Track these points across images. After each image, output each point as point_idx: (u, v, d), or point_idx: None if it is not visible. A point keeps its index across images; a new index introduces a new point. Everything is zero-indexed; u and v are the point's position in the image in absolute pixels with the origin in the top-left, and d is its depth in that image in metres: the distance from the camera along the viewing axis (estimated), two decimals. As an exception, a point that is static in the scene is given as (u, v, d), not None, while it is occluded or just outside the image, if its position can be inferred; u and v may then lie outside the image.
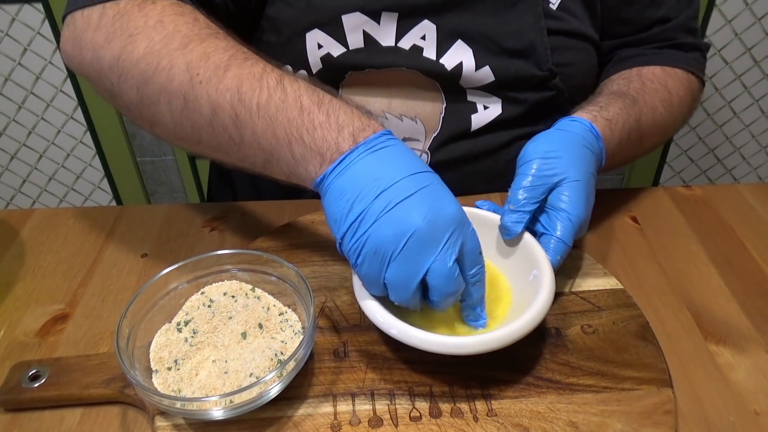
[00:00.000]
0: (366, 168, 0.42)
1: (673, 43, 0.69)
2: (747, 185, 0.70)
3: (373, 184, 0.42)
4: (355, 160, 0.42)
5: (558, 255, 0.50)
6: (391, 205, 0.41)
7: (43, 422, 0.45)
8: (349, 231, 0.42)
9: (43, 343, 0.51)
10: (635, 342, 0.49)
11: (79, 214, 0.65)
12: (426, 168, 0.44)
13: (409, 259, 0.41)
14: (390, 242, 0.41)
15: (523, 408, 0.44)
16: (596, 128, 0.56)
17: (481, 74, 0.63)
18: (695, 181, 1.69)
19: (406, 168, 0.43)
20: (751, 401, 0.46)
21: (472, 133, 0.66)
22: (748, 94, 1.53)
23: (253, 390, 0.40)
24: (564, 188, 0.51)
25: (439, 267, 0.42)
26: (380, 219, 0.41)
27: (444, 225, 0.42)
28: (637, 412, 0.43)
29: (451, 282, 0.42)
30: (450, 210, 0.42)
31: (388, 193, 0.41)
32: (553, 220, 0.51)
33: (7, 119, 1.47)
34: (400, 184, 0.42)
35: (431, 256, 0.41)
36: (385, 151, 0.43)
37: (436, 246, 0.41)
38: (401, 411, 0.44)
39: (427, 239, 0.41)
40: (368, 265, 0.43)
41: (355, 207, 0.42)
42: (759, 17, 1.41)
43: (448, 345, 0.42)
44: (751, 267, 0.58)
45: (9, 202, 1.62)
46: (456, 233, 0.42)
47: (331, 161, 0.43)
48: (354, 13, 0.60)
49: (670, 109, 0.65)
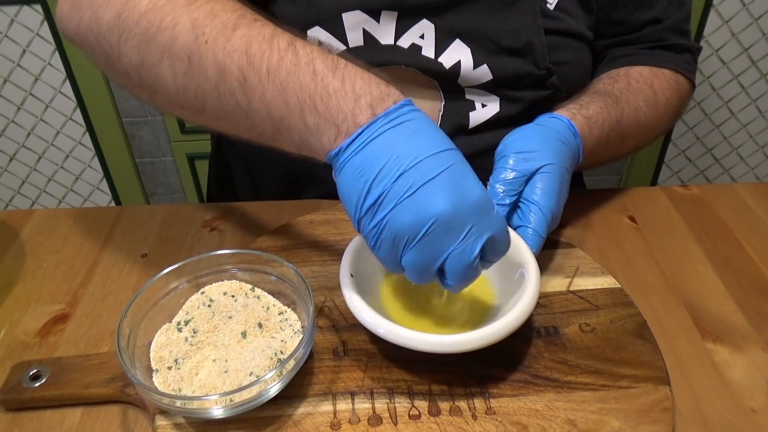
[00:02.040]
0: (385, 144, 0.39)
1: (664, 44, 0.69)
2: (744, 185, 0.70)
3: (394, 163, 0.39)
4: (374, 135, 0.40)
5: (535, 247, 0.51)
6: (414, 188, 0.38)
7: (44, 422, 0.45)
8: (367, 215, 0.40)
9: (44, 343, 0.51)
10: (633, 340, 0.49)
11: (78, 214, 0.65)
12: (449, 144, 0.41)
13: (430, 245, 0.40)
14: (410, 228, 0.39)
15: (521, 406, 0.44)
16: (575, 125, 0.57)
17: (478, 73, 0.63)
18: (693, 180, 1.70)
19: (429, 145, 0.40)
20: (748, 399, 0.46)
21: (470, 130, 0.67)
22: (746, 94, 1.54)
23: (252, 389, 0.41)
24: (537, 181, 0.52)
25: (460, 255, 0.40)
26: (401, 204, 0.39)
27: (468, 211, 0.39)
28: (635, 409, 0.44)
29: (470, 270, 0.41)
30: (475, 193, 0.40)
31: (410, 174, 0.39)
32: (527, 213, 0.52)
33: (6, 120, 1.48)
34: (423, 163, 0.39)
35: (453, 244, 0.40)
36: (408, 125, 0.40)
37: (459, 233, 0.39)
38: (400, 409, 0.44)
39: (450, 226, 0.39)
40: (386, 250, 0.41)
41: (374, 189, 0.39)
42: (756, 17, 1.42)
43: (437, 344, 0.42)
44: (748, 266, 0.59)
45: (8, 204, 1.62)
46: (481, 221, 0.40)
47: (348, 134, 0.40)
48: (354, 11, 0.60)
49: (654, 109, 0.65)
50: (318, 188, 0.69)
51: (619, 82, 0.65)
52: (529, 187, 0.52)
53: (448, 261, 0.40)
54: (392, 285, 0.51)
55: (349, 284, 0.46)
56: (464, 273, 0.41)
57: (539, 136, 0.54)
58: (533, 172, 0.52)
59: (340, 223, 0.61)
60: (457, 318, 0.49)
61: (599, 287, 0.54)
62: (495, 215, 0.41)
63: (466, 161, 0.41)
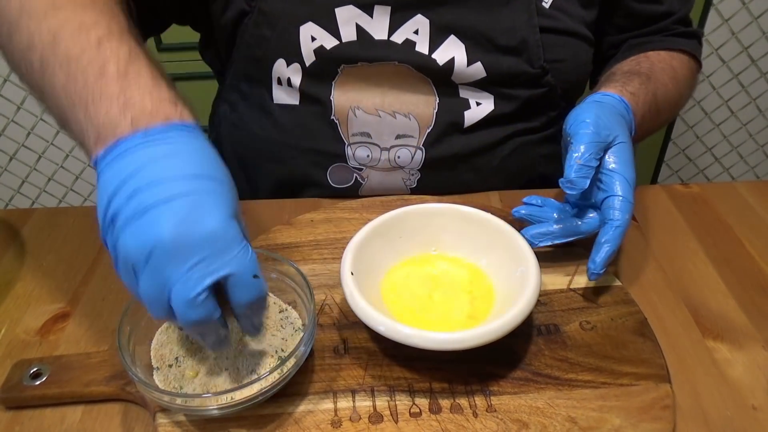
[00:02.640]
0: (133, 161, 0.37)
1: (674, 32, 0.73)
2: (744, 183, 0.70)
3: (132, 181, 0.36)
4: (127, 150, 0.37)
5: (626, 213, 0.51)
6: (141, 209, 0.35)
7: (45, 420, 0.45)
8: (108, 232, 0.37)
9: (44, 341, 0.51)
10: (633, 338, 0.49)
11: (79, 213, 0.65)
12: (209, 172, 0.38)
13: (155, 274, 0.36)
14: (135, 253, 0.35)
15: (522, 403, 0.44)
16: (625, 100, 0.59)
17: (472, 70, 0.63)
18: (693, 179, 1.70)
19: (178, 168, 0.37)
20: (749, 396, 0.46)
21: (465, 129, 0.67)
22: (746, 93, 1.54)
23: (253, 387, 0.41)
24: (614, 153, 0.53)
25: (180, 290, 0.36)
26: (128, 225, 0.36)
27: (196, 242, 0.35)
28: (636, 407, 0.44)
29: (193, 309, 0.36)
30: (210, 225, 0.36)
31: (143, 194, 0.36)
32: (611, 183, 0.52)
33: (6, 120, 1.48)
34: (160, 185, 0.36)
35: (173, 276, 0.35)
36: (164, 147, 0.37)
37: (181, 265, 0.35)
38: (401, 407, 0.44)
39: (173, 255, 0.35)
40: (124, 276, 0.37)
41: (112, 205, 0.36)
42: (756, 16, 1.42)
43: (437, 341, 0.42)
44: (749, 264, 0.59)
45: (8, 203, 1.62)
46: (212, 256, 0.36)
47: (105, 143, 0.38)
48: (347, 6, 0.60)
49: (677, 86, 0.69)
50: (313, 190, 0.70)
51: (643, 63, 0.67)
52: (607, 158, 0.53)
53: (171, 295, 0.36)
54: (393, 283, 0.51)
55: (350, 282, 0.46)
56: (185, 310, 0.36)
57: (603, 110, 0.55)
58: (610, 143, 0.53)
59: (340, 222, 0.61)
60: (457, 315, 0.49)
61: (600, 285, 0.54)
62: (238, 254, 0.37)
63: (225, 193, 0.38)
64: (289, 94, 0.66)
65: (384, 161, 0.67)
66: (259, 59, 0.64)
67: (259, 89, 0.67)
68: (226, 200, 0.37)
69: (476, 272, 0.52)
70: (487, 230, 0.53)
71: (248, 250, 0.38)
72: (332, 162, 0.68)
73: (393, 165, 0.68)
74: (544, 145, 0.72)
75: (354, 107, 0.65)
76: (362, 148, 0.67)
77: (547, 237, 0.54)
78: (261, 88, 0.67)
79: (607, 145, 0.53)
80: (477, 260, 0.53)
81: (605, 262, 0.50)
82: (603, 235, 0.51)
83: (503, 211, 0.63)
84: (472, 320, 0.48)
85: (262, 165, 0.72)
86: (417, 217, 0.54)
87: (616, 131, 0.54)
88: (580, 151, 0.51)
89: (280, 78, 0.65)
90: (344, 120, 0.66)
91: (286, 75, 0.64)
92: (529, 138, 0.70)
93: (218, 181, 0.38)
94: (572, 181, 0.51)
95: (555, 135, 0.72)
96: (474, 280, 0.52)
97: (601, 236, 0.51)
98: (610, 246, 0.50)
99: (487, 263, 0.53)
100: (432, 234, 0.54)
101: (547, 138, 0.71)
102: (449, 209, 0.54)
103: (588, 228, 0.54)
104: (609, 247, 0.50)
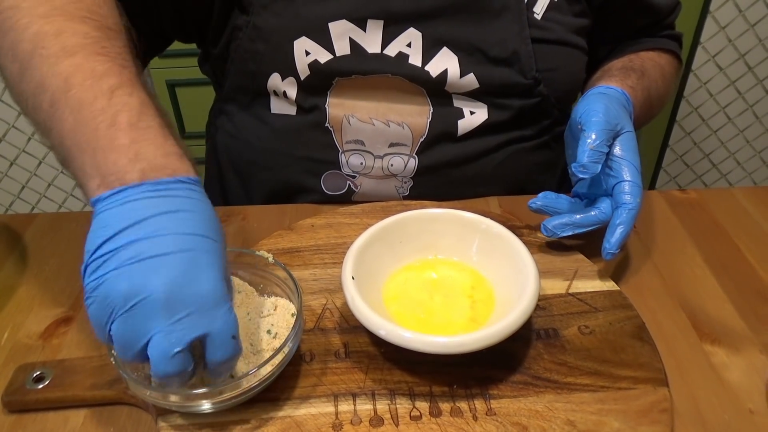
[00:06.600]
0: (138, 209, 0.38)
1: (659, 35, 0.76)
2: (741, 189, 0.71)
3: (134, 229, 0.37)
4: (132, 198, 0.38)
5: (637, 197, 0.53)
6: (139, 258, 0.37)
7: (48, 423, 0.45)
8: (91, 266, 0.37)
9: (47, 345, 0.51)
10: (631, 342, 0.49)
11: (81, 217, 0.66)
12: (208, 232, 0.39)
13: (136, 320, 0.37)
14: (120, 297, 0.36)
15: (521, 407, 0.44)
16: (626, 93, 0.61)
17: (465, 81, 0.64)
18: (690, 185, 1.70)
19: (180, 224, 0.38)
20: (746, 400, 0.47)
21: (459, 137, 0.67)
22: (743, 99, 1.55)
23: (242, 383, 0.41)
24: (622, 141, 0.55)
25: (160, 342, 0.37)
26: (121, 268, 0.36)
27: (187, 299, 0.37)
28: (634, 410, 0.44)
29: (169, 362, 0.37)
30: (204, 287, 0.37)
31: (143, 243, 0.37)
32: (620, 170, 0.54)
33: (7, 125, 1.48)
34: (161, 238, 0.37)
35: (156, 327, 0.37)
36: (170, 200, 0.39)
37: (168, 318, 0.36)
38: (402, 410, 0.44)
39: (161, 307, 0.36)
40: (95, 309, 0.38)
41: (107, 244, 0.37)
42: (752, 23, 1.43)
43: (437, 345, 0.43)
44: (745, 269, 0.59)
45: (8, 209, 1.62)
46: (199, 314, 0.37)
47: (110, 187, 0.39)
48: (340, 20, 0.61)
49: (665, 82, 0.73)
50: (306, 197, 0.70)
51: (636, 61, 0.70)
52: (616, 146, 0.55)
53: (150, 344, 0.37)
54: (393, 287, 0.52)
55: (351, 286, 0.47)
56: (162, 363, 0.37)
57: (612, 102, 0.58)
58: (618, 132, 0.55)
59: (341, 227, 0.62)
60: (457, 320, 0.49)
61: (598, 290, 0.54)
62: (221, 315, 0.38)
63: (218, 255, 0.39)
64: (286, 105, 0.67)
65: (377, 169, 0.68)
66: (254, 73, 0.65)
67: (256, 100, 0.68)
68: (219, 260, 0.39)
69: (477, 277, 0.53)
70: (487, 235, 0.53)
71: (231, 312, 0.39)
72: (326, 169, 0.68)
73: (386, 173, 0.68)
74: (538, 152, 0.72)
75: (348, 115, 0.66)
76: (356, 156, 0.67)
77: (569, 227, 0.56)
78: (258, 99, 0.68)
79: (615, 133, 0.55)
80: (477, 265, 0.53)
81: (620, 243, 0.53)
82: (617, 217, 0.53)
83: (503, 217, 0.64)
84: (473, 324, 0.49)
85: (257, 173, 0.72)
86: (417, 222, 0.54)
87: (623, 121, 0.56)
88: (593, 138, 0.53)
89: (276, 91, 0.66)
90: (338, 128, 0.66)
91: (282, 88, 0.65)
92: (523, 146, 0.70)
93: (214, 240, 0.39)
94: (585, 165, 0.53)
95: (548, 143, 0.73)
96: (475, 285, 0.52)
97: (615, 219, 0.53)
98: (624, 228, 0.53)
99: (487, 268, 0.53)
100: (432, 239, 0.54)
101: (541, 146, 0.72)
102: (449, 214, 0.55)
103: (604, 216, 0.55)
104: (623, 228, 0.53)
